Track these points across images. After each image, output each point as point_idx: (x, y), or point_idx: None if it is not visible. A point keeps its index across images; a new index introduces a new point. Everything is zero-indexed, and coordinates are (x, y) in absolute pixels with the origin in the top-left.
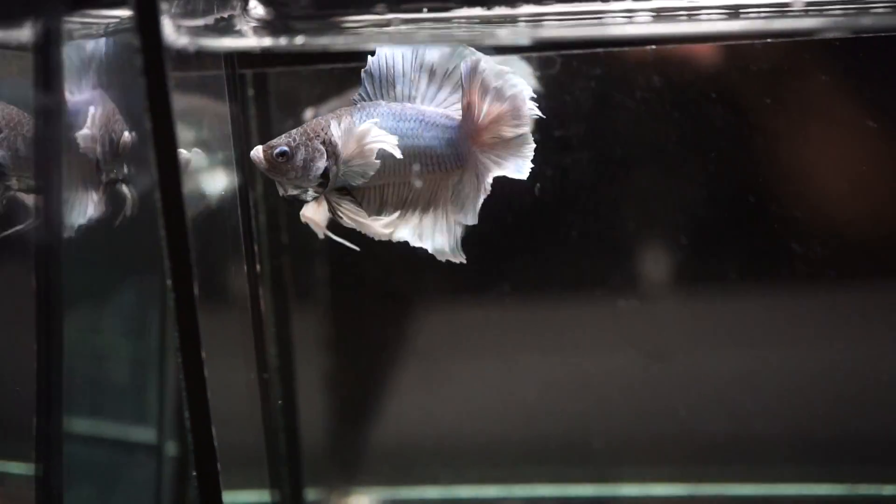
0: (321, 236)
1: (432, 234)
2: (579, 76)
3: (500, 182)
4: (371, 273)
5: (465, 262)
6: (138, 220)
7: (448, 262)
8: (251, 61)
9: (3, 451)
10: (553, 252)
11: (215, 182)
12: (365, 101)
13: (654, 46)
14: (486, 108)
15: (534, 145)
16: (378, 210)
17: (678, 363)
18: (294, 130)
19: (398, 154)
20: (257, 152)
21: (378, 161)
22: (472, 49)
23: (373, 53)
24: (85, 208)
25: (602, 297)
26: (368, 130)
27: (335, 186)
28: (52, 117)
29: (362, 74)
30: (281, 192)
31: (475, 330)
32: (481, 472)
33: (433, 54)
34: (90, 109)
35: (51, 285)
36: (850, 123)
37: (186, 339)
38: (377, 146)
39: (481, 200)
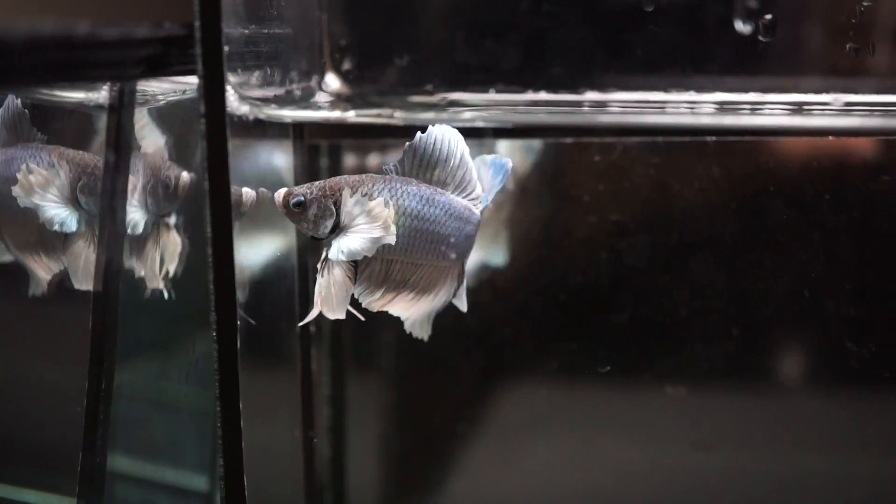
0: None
1: (420, 313)
2: (639, 163)
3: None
4: (421, 344)
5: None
6: (191, 274)
7: (510, 338)
8: (325, 132)
9: (47, 484)
10: (603, 335)
11: (273, 242)
12: (397, 173)
13: (713, 138)
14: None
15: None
16: (380, 282)
17: (723, 456)
18: (318, 182)
19: (392, 241)
20: (279, 195)
21: (380, 240)
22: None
23: (424, 129)
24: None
25: (650, 384)
26: (380, 212)
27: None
28: (120, 171)
29: (405, 146)
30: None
31: (521, 408)
32: None
33: (466, 146)
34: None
35: (106, 327)
36: None
37: (226, 390)
38: (375, 234)
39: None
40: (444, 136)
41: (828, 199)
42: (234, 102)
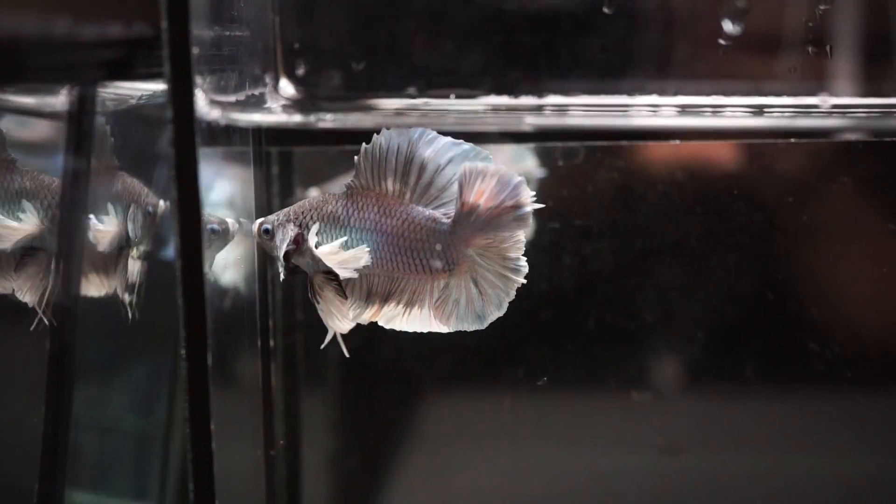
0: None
1: (421, 328)
2: (602, 167)
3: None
4: (384, 355)
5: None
6: (151, 295)
7: (462, 348)
8: (277, 139)
9: None
10: (568, 341)
11: (235, 255)
12: (356, 188)
13: (678, 141)
14: (485, 210)
15: (523, 248)
16: (366, 297)
17: (689, 460)
18: (287, 208)
19: (366, 262)
20: (254, 224)
21: (351, 272)
22: (471, 145)
23: (369, 140)
24: (103, 281)
25: (616, 389)
26: (337, 254)
27: (319, 270)
28: (80, 183)
29: (356, 160)
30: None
31: (485, 417)
32: None
33: (426, 148)
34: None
35: (65, 354)
36: (871, 226)
37: (196, 411)
38: (345, 273)
39: (482, 307)
40: (388, 142)
41: (790, 202)
42: (204, 107)
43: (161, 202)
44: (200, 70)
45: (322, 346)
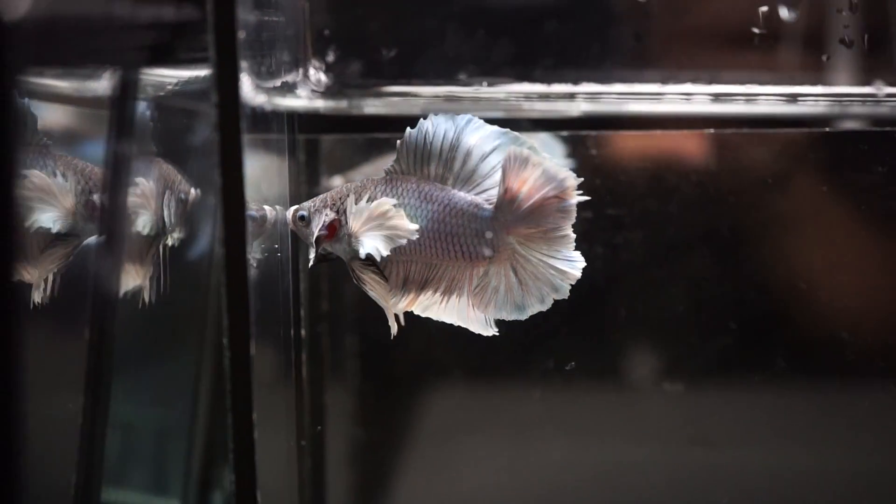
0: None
1: (457, 318)
2: (636, 156)
3: None
4: (410, 345)
5: (496, 333)
6: (176, 290)
7: (489, 338)
8: (307, 126)
9: None
10: (598, 331)
11: (271, 244)
12: (396, 173)
13: (711, 130)
14: (528, 199)
15: (573, 237)
16: (402, 284)
17: (720, 450)
18: (323, 195)
19: (414, 237)
20: (288, 212)
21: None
22: (517, 135)
23: (414, 125)
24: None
25: (647, 380)
26: (386, 211)
27: (355, 256)
28: (122, 169)
29: (398, 145)
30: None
31: (513, 408)
32: None
33: (473, 135)
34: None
35: (102, 356)
36: None
37: (238, 401)
38: (393, 232)
39: (522, 298)
40: (435, 128)
41: (824, 192)
42: (249, 92)
43: (192, 190)
44: (244, 55)
45: (392, 338)
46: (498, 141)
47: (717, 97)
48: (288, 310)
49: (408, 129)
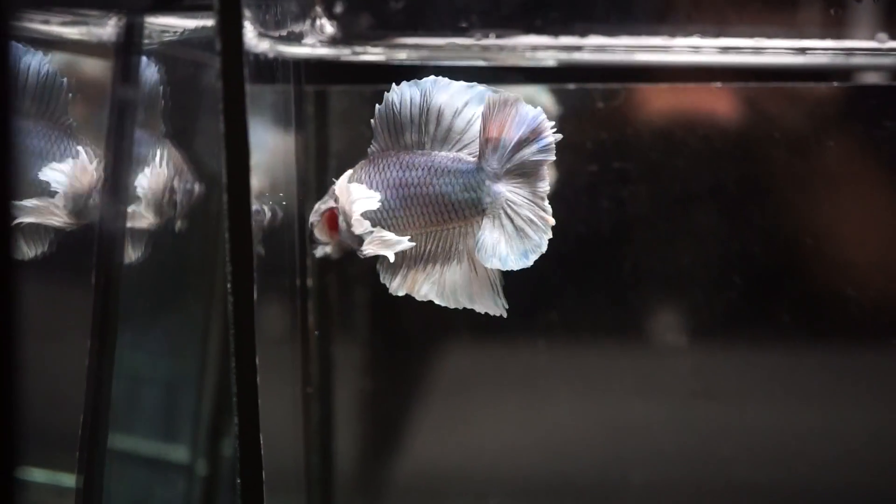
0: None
1: (462, 290)
2: (642, 109)
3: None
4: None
5: (504, 314)
6: (182, 241)
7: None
8: (315, 77)
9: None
10: (604, 285)
11: (277, 195)
12: (376, 152)
13: (719, 84)
14: (508, 142)
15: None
16: (399, 263)
17: (724, 405)
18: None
19: (374, 206)
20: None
21: (366, 220)
22: (485, 87)
23: (380, 102)
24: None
25: (652, 334)
26: (348, 190)
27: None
28: (127, 115)
29: (372, 123)
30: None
31: (518, 361)
32: None
33: (441, 94)
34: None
35: (108, 301)
36: None
37: (241, 344)
38: (356, 207)
39: (522, 246)
40: (401, 97)
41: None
42: (253, 39)
43: (196, 185)
44: (248, 2)
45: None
46: (467, 95)
47: (725, 50)
48: (294, 259)
49: (376, 106)
